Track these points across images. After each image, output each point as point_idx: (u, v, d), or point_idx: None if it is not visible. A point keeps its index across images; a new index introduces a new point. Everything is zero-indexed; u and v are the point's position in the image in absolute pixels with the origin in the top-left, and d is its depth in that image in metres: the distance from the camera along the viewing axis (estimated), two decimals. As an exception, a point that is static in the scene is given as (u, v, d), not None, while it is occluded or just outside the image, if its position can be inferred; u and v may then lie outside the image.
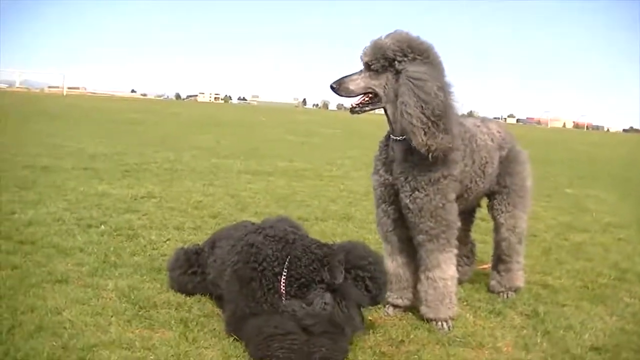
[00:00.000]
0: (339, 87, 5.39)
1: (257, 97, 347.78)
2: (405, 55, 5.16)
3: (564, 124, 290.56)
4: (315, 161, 19.64)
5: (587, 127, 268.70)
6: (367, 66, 5.31)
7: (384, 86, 5.24)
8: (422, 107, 5.01)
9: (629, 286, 7.28)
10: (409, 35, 5.29)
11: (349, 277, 4.80)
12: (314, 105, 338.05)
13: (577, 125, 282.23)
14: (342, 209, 10.96)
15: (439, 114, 5.01)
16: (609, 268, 8.00)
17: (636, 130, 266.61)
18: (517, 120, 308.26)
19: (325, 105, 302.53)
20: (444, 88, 5.09)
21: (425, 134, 5.03)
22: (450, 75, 5.37)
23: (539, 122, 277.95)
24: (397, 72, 5.18)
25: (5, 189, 10.52)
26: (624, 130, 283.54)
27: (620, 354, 5.13)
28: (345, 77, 5.38)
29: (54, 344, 4.48)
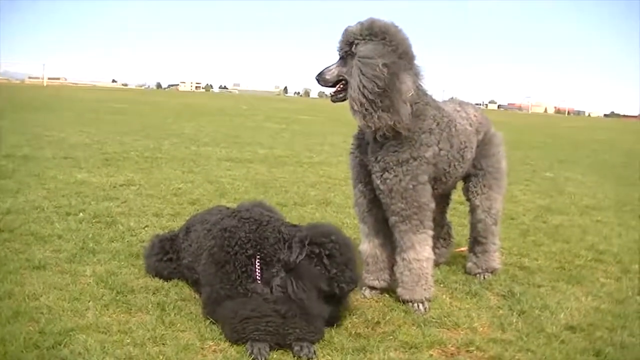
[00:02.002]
0: (319, 78, 5.54)
1: (239, 85, 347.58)
2: (363, 38, 5.22)
3: (546, 109, 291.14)
4: (296, 148, 19.69)
5: (568, 112, 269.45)
6: (339, 54, 5.40)
7: (351, 72, 5.27)
8: (360, 87, 5.10)
9: (605, 267, 7.35)
10: (375, 20, 5.35)
11: (306, 256, 4.82)
12: (295, 93, 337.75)
13: (558, 111, 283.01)
14: (321, 194, 11.03)
15: (378, 92, 5.06)
16: (586, 249, 8.06)
17: (617, 115, 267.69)
18: (499, 106, 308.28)
19: (307, 93, 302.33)
20: (390, 66, 5.10)
21: (364, 116, 5.12)
22: (421, 58, 5.43)
23: (520, 108, 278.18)
24: (354, 55, 5.24)
25: (-17, 178, 10.48)
26: (605, 115, 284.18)
27: (594, 333, 5.18)
28: (325, 68, 5.50)
29: (31, 328, 4.51)
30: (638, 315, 5.67)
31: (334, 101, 5.61)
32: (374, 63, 5.06)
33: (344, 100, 5.43)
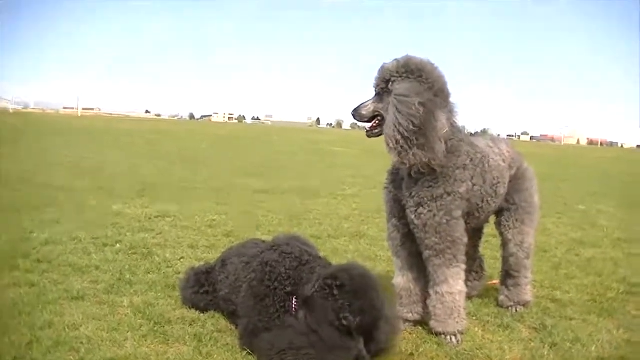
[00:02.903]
0: (355, 114, 5.67)
1: (271, 116, 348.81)
2: (400, 75, 5.32)
3: (578, 140, 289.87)
4: (328, 180, 19.79)
5: (601, 143, 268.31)
6: (375, 91, 5.51)
7: (387, 109, 5.37)
8: (396, 125, 5.18)
9: (637, 299, 7.34)
10: (411, 57, 5.45)
11: (320, 288, 4.80)
12: (327, 124, 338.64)
13: (591, 142, 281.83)
14: (355, 226, 11.09)
15: (414, 130, 5.14)
16: (618, 282, 8.05)
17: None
18: (531, 138, 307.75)
19: (339, 125, 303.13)
20: (426, 104, 5.19)
21: (399, 153, 5.21)
22: (455, 94, 5.52)
23: (552, 139, 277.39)
24: (391, 93, 5.35)
25: (24, 208, 10.74)
26: (638, 146, 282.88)
27: (626, 365, 5.22)
28: (362, 103, 5.63)
29: (72, 358, 4.62)
30: (669, 348, 5.68)
31: (369, 136, 5.72)
32: (410, 101, 5.15)
33: (379, 135, 5.52)
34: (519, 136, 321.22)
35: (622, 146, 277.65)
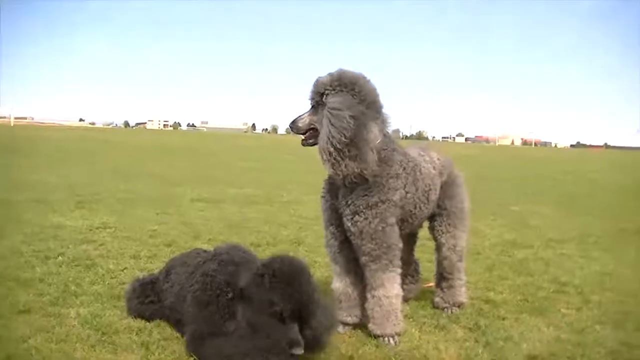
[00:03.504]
0: (292, 126, 5.89)
1: (207, 122, 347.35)
2: (333, 89, 5.54)
3: (513, 141, 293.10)
4: (266, 187, 19.99)
5: (535, 143, 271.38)
6: (311, 103, 5.73)
7: (321, 121, 5.58)
8: (330, 137, 5.39)
9: (567, 298, 7.63)
10: (344, 71, 5.66)
11: (253, 280, 5.00)
12: (263, 129, 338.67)
13: (525, 142, 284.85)
14: (293, 233, 11.29)
15: (346, 142, 5.34)
16: (549, 282, 8.35)
17: (583, 145, 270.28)
18: (466, 139, 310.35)
19: (275, 130, 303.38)
20: (357, 117, 5.40)
21: (332, 165, 5.43)
22: (386, 101, 5.75)
23: (487, 141, 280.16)
24: (324, 106, 5.56)
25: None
26: (571, 145, 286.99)
27: (555, 362, 5.47)
28: (298, 116, 5.83)
29: (23, 370, 4.73)
30: (596, 344, 5.95)
31: (304, 145, 5.91)
32: (342, 114, 5.36)
33: (314, 145, 5.72)
34: (454, 137, 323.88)
35: (555, 146, 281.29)
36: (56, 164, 25.62)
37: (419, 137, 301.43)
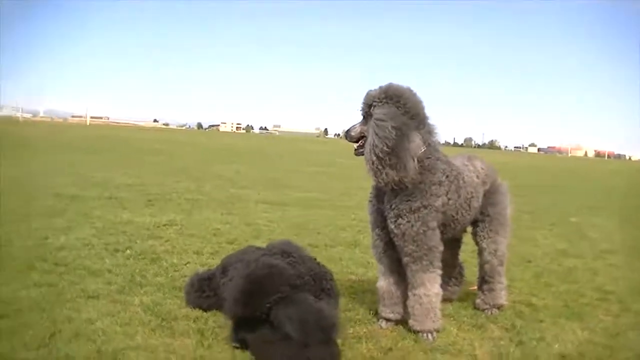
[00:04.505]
0: (346, 135, 6.41)
1: (279, 126, 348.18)
2: (380, 101, 5.99)
3: (586, 152, 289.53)
4: (331, 191, 20.43)
5: (608, 155, 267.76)
6: (362, 114, 6.20)
7: (369, 130, 6.01)
8: (373, 146, 5.84)
9: (608, 305, 7.84)
10: (392, 84, 6.11)
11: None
12: (335, 135, 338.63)
13: (598, 154, 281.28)
14: (351, 236, 11.66)
15: (387, 151, 5.77)
16: (593, 290, 8.56)
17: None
18: (539, 149, 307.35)
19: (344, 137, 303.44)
20: (400, 127, 5.82)
21: (374, 173, 5.88)
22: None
23: (559, 151, 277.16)
24: (372, 117, 6.01)
25: (37, 216, 11.36)
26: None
27: (583, 360, 5.81)
28: (352, 126, 6.34)
29: (89, 347, 5.24)
30: (626, 348, 6.25)
31: (356, 155, 6.37)
32: (385, 125, 5.79)
33: (362, 154, 6.17)
34: (526, 148, 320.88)
35: (629, 158, 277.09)
36: (129, 163, 26.39)
37: (491, 146, 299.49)
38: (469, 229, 7.24)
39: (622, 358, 6.00)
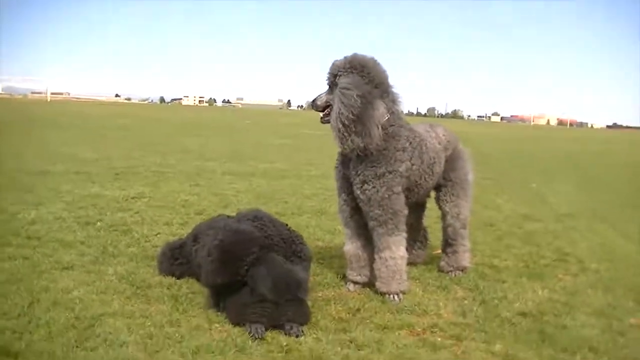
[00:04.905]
0: (312, 104, 6.65)
1: (242, 99, 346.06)
2: (345, 71, 6.19)
3: (548, 121, 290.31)
4: (296, 162, 20.63)
5: (570, 123, 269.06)
6: (327, 84, 6.39)
7: (334, 99, 6.22)
8: (338, 115, 6.07)
9: (567, 266, 8.17)
10: (357, 54, 6.33)
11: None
12: (298, 106, 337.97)
13: (561, 122, 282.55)
14: (317, 204, 11.89)
15: (353, 119, 6.00)
16: (553, 252, 8.89)
17: (619, 126, 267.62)
18: (502, 118, 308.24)
19: (310, 106, 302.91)
20: (365, 96, 6.05)
21: (340, 139, 6.11)
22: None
23: (522, 120, 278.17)
24: (337, 86, 6.22)
25: (7, 191, 11.46)
26: (607, 126, 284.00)
27: (542, 317, 6.05)
28: (318, 95, 6.54)
29: (68, 314, 5.41)
30: (584, 304, 6.54)
31: (323, 122, 6.59)
32: (350, 94, 6.01)
33: (329, 122, 6.37)
34: (489, 117, 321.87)
35: (591, 126, 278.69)
36: (93, 139, 26.40)
37: (454, 115, 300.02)
38: (433, 193, 7.47)
39: (581, 313, 6.26)
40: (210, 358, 4.77)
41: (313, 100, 6.60)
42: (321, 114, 6.57)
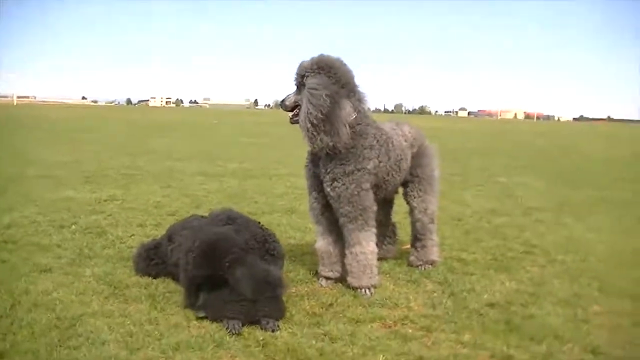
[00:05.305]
0: (281, 104, 6.78)
1: (209, 99, 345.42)
2: (312, 71, 6.35)
3: (515, 114, 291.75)
4: (264, 161, 20.68)
5: (537, 117, 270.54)
6: (295, 84, 6.54)
7: (303, 99, 6.38)
8: (307, 114, 6.22)
9: (534, 258, 8.37)
10: (324, 55, 6.48)
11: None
12: (265, 105, 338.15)
13: (528, 116, 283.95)
14: (288, 203, 12.05)
15: (322, 118, 6.16)
16: (520, 244, 9.09)
17: (586, 119, 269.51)
18: (469, 113, 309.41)
19: (277, 105, 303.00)
20: (332, 96, 6.21)
21: (309, 139, 6.27)
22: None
23: (489, 115, 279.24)
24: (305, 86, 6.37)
25: (-25, 197, 11.49)
26: (574, 119, 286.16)
27: (509, 308, 6.25)
28: (286, 95, 6.68)
29: (49, 315, 5.55)
30: (549, 294, 6.76)
31: (292, 123, 6.75)
32: (319, 93, 6.17)
33: (297, 122, 6.54)
34: (457, 112, 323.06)
35: (558, 119, 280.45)
36: (61, 142, 26.37)
37: (422, 111, 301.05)
38: (401, 190, 7.65)
39: (547, 303, 6.47)
40: (190, 354, 4.92)
41: (282, 101, 6.75)
42: (290, 115, 6.72)
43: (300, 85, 6.49)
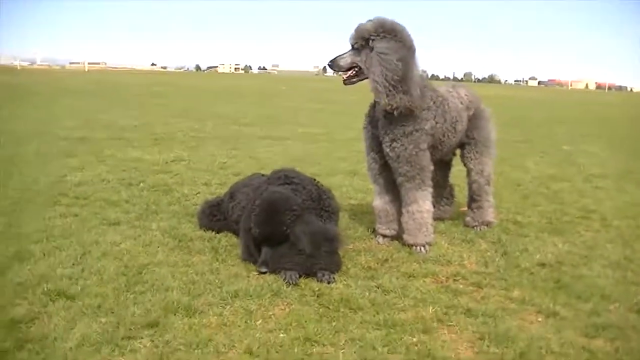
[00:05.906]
0: (332, 64, 6.85)
1: (277, 66, 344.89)
2: (378, 35, 6.47)
3: (587, 85, 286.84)
4: (330, 126, 20.97)
5: (608, 87, 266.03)
6: (352, 46, 6.67)
7: (364, 61, 6.54)
8: (384, 75, 6.35)
9: (589, 223, 8.44)
10: (384, 19, 6.60)
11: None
12: (334, 72, 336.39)
13: (599, 86, 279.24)
14: (350, 166, 12.27)
15: (398, 79, 6.32)
16: (577, 209, 9.15)
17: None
18: (539, 83, 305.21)
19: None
20: (403, 59, 6.37)
21: (387, 96, 6.38)
22: (421, 49, 6.71)
23: (560, 84, 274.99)
24: (371, 49, 6.50)
25: (51, 157, 11.99)
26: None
27: (560, 268, 6.39)
28: (338, 56, 6.78)
29: (118, 264, 5.89)
30: (601, 257, 6.86)
31: (346, 84, 6.93)
32: (391, 58, 6.35)
33: (356, 83, 6.77)
34: (527, 81, 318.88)
35: (631, 90, 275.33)
36: (131, 106, 26.86)
37: (491, 80, 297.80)
38: (458, 152, 7.83)
39: (598, 265, 6.59)
40: (248, 301, 5.17)
41: (332, 60, 6.81)
42: (344, 76, 6.85)
43: (362, 47, 6.60)
